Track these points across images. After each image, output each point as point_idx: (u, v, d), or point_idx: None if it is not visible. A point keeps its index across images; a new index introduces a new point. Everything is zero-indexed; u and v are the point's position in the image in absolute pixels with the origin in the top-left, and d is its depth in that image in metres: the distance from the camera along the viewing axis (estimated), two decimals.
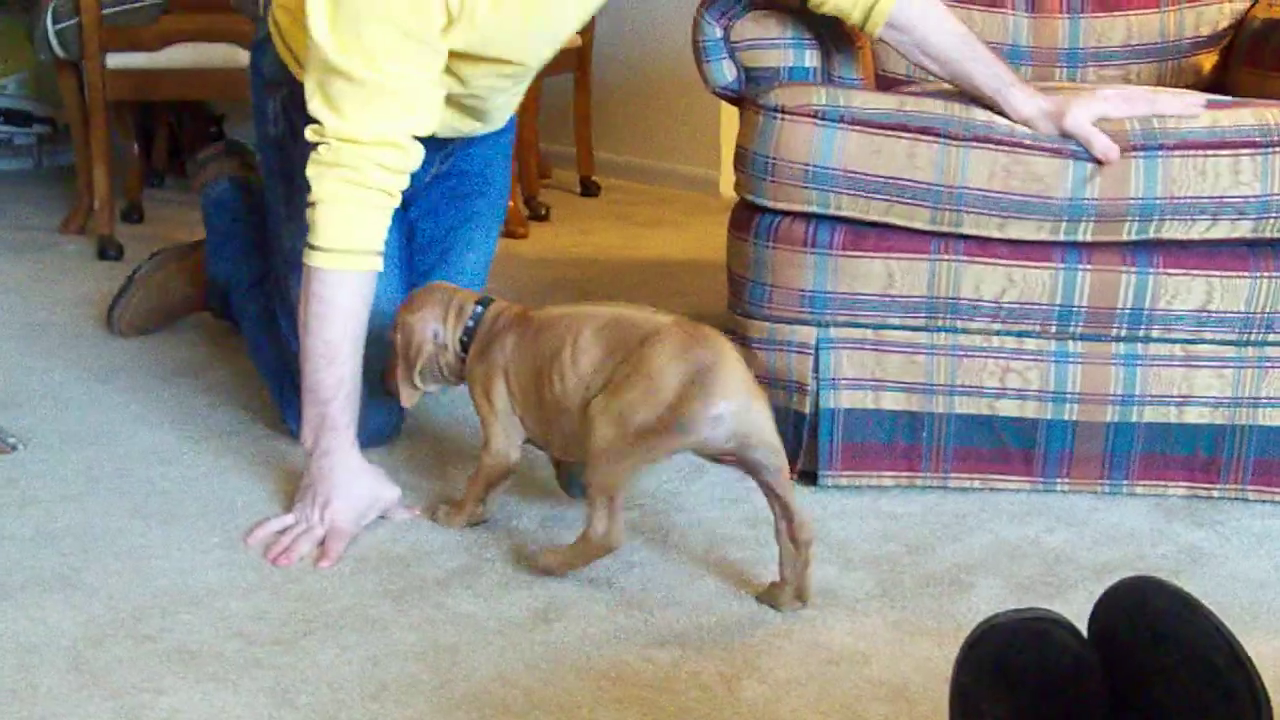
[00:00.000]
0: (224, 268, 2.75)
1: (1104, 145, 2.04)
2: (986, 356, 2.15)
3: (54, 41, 3.67)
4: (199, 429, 2.42)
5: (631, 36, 4.85)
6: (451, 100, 2.20)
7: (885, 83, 2.56)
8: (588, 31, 4.52)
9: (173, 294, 2.92)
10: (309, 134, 2.02)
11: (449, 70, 2.09)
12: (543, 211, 4.30)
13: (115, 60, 3.61)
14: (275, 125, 2.40)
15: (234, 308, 2.71)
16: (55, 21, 3.66)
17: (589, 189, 4.73)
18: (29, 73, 4.85)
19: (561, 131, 4.87)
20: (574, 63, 4.55)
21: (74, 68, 3.78)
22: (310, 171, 2.01)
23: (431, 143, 2.12)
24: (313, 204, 2.01)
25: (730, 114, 4.59)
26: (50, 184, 4.68)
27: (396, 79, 1.98)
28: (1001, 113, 2.08)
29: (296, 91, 2.20)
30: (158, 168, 4.69)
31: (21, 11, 4.67)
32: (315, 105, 2.01)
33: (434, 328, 2.02)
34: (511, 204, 4.01)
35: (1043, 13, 2.69)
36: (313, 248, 2.01)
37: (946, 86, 2.22)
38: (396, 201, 2.05)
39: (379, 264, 2.04)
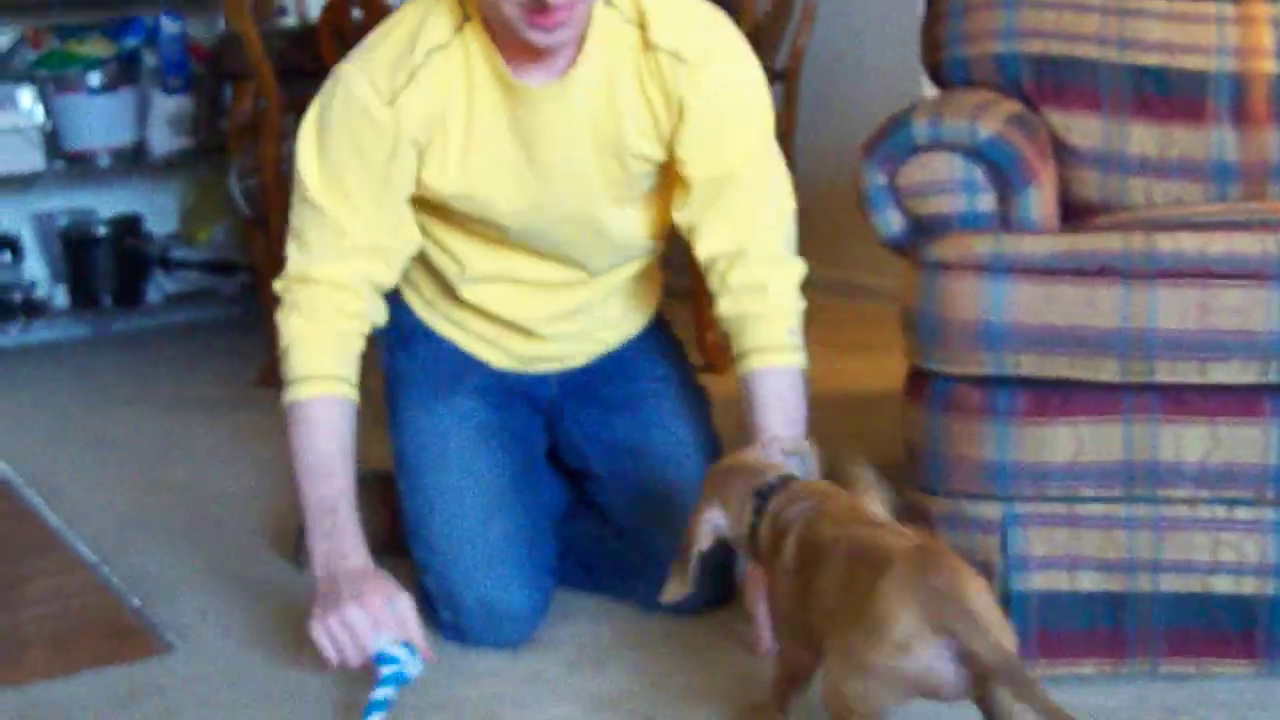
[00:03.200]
0: None
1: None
2: (1195, 528, 1.92)
3: (239, 199, 3.67)
4: None
5: (833, 138, 4.69)
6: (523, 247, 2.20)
7: (1074, 212, 2.34)
8: (788, 140, 4.38)
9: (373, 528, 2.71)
10: (275, 285, 2.09)
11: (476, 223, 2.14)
12: None
13: None
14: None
15: None
16: (240, 179, 3.66)
17: None
18: (233, 221, 4.91)
19: None
20: None
21: (262, 223, 3.78)
22: (277, 319, 2.07)
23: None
24: (283, 351, 2.05)
25: None
26: (259, 334, 4.69)
27: (365, 224, 2.04)
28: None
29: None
30: None
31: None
32: (288, 248, 2.09)
33: (714, 521, 1.83)
34: (711, 336, 3.80)
35: (1251, 124, 2.44)
36: (287, 385, 2.04)
37: (1141, 214, 2.02)
38: (356, 338, 2.07)
39: (353, 395, 2.05)
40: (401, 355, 2.36)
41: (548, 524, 2.29)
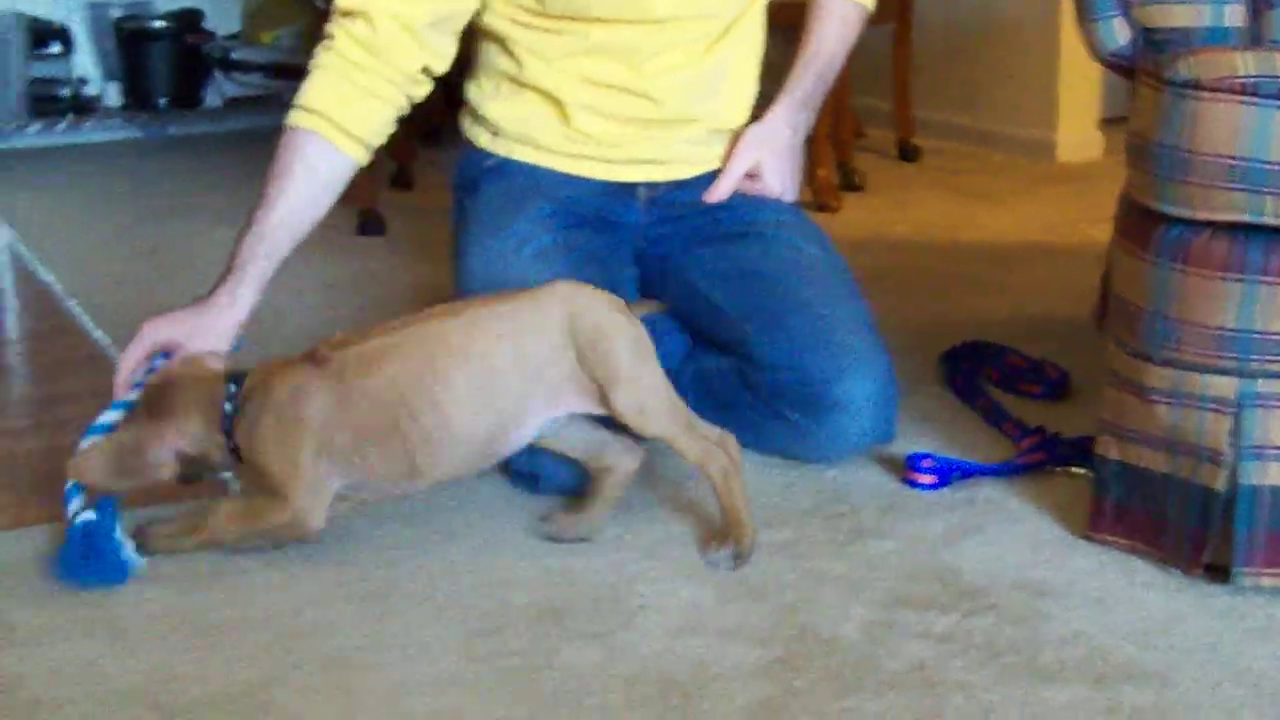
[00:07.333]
0: None
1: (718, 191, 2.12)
2: None
3: None
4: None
5: None
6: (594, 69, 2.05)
7: None
8: None
9: None
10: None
11: None
12: (856, 180, 3.81)
13: None
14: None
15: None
16: None
17: (907, 153, 4.20)
18: (304, 25, 4.54)
19: (877, 85, 4.34)
20: (893, 11, 4.03)
21: None
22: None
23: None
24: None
25: (1071, 68, 4.00)
26: None
27: None
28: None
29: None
30: (435, 123, 4.32)
31: None
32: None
33: (176, 447, 1.72)
34: (823, 171, 3.58)
35: None
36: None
37: None
38: (382, 91, 1.95)
39: (354, 148, 1.93)
40: (466, 200, 2.14)
41: None
